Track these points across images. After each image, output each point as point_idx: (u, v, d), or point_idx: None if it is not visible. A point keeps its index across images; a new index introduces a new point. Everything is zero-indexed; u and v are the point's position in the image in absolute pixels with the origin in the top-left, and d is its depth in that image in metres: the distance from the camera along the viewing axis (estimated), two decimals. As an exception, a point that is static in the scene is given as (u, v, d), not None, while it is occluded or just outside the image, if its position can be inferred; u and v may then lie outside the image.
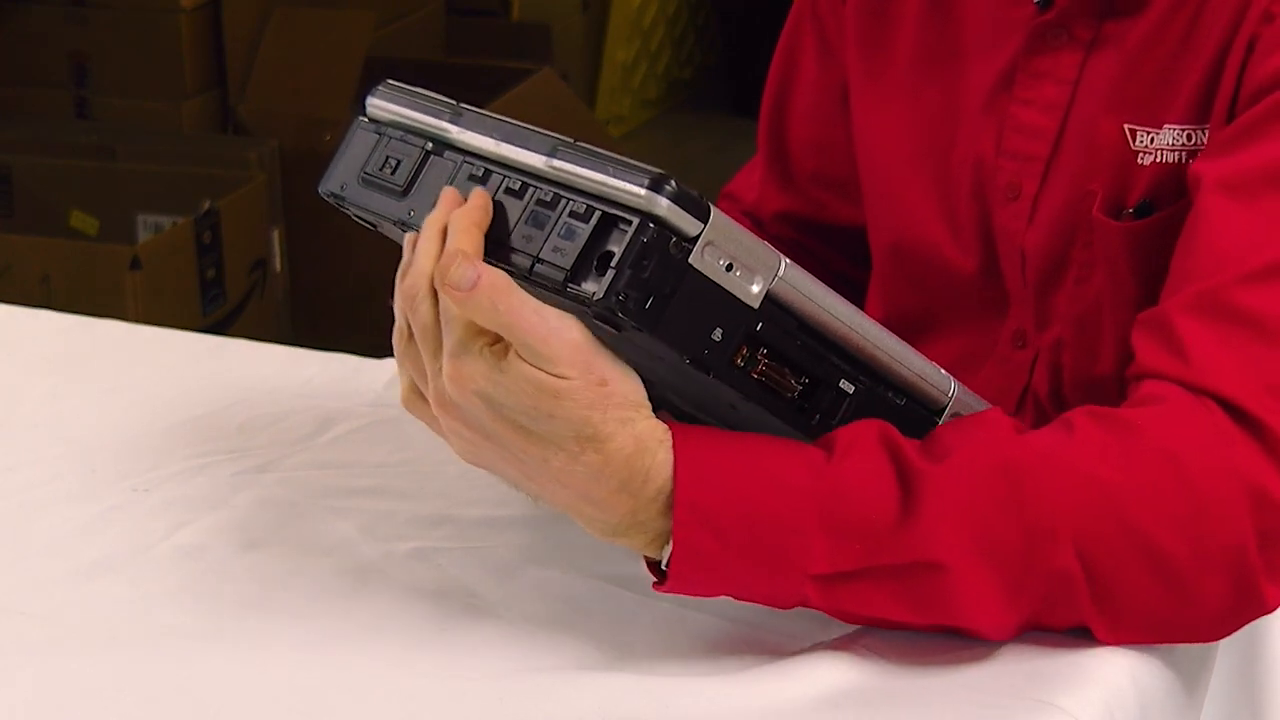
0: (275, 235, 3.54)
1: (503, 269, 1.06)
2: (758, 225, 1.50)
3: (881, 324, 1.11)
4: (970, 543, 1.07)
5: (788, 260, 1.06)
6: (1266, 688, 1.30)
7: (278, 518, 1.28)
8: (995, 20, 1.32)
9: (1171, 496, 1.07)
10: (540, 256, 1.05)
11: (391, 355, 1.50)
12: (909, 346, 1.11)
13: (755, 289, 1.05)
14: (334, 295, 3.60)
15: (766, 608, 1.11)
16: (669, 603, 1.16)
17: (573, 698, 1.07)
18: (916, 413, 1.12)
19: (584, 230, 1.04)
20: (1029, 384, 1.34)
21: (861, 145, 1.41)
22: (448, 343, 1.06)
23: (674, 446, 1.06)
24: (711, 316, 1.05)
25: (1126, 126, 1.25)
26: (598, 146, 1.06)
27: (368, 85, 1.21)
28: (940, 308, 1.38)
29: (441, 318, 1.06)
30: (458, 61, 4.05)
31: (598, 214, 1.04)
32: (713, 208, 1.04)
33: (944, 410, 1.12)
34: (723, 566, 1.07)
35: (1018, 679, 1.08)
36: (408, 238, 1.10)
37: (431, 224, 1.08)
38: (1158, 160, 1.24)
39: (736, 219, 1.50)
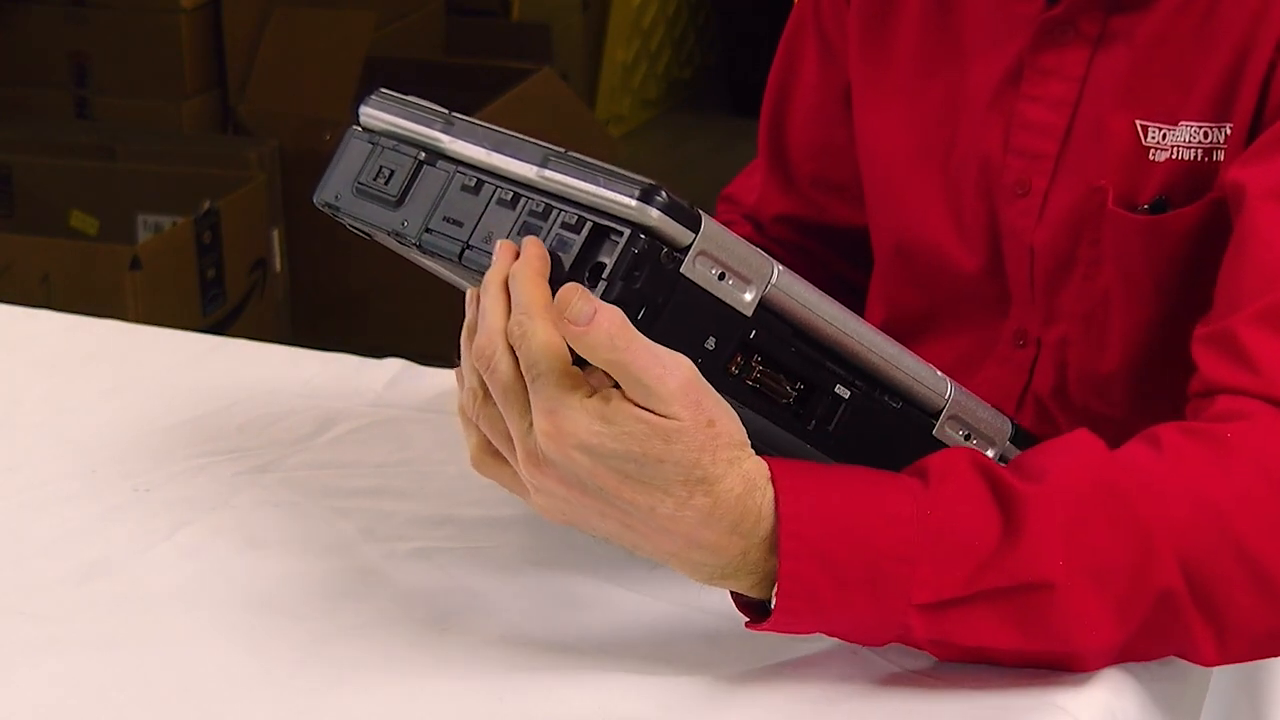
0: (275, 235, 3.54)
1: None
2: (758, 228, 1.50)
3: (883, 325, 1.11)
4: (1076, 561, 1.05)
5: (781, 267, 1.06)
6: (1266, 687, 1.30)
7: (278, 518, 1.28)
8: (999, 17, 1.32)
9: (1272, 509, 1.06)
10: None
11: (391, 355, 1.51)
12: (905, 349, 1.11)
13: (748, 297, 1.05)
14: (334, 295, 3.61)
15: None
16: (668, 603, 1.16)
17: (573, 697, 1.07)
18: (913, 416, 1.11)
19: (576, 241, 1.03)
20: (1029, 383, 1.34)
21: (864, 145, 1.40)
22: (540, 399, 1.02)
23: (773, 480, 1.04)
24: (705, 326, 1.04)
25: (1138, 123, 1.25)
26: (591, 155, 1.05)
27: (368, 85, 1.21)
28: (942, 307, 1.38)
29: (527, 374, 1.02)
30: (458, 61, 4.05)
31: (589, 225, 1.03)
32: (704, 216, 1.03)
33: (940, 413, 1.12)
34: (828, 598, 1.05)
35: (1018, 679, 1.08)
36: (470, 293, 1.08)
37: (493, 280, 1.04)
38: (1173, 157, 1.24)
39: (736, 221, 1.51)
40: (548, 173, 1.05)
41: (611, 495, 1.02)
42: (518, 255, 1.04)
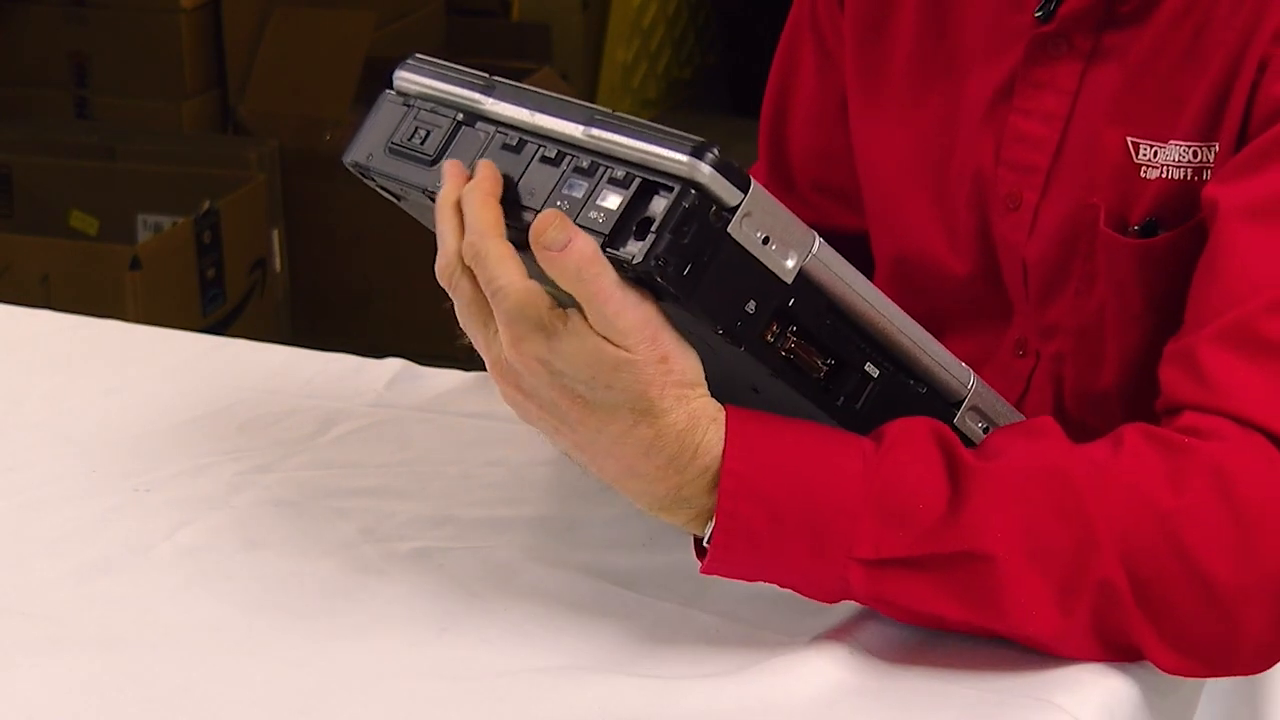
0: (275, 235, 3.54)
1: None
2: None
3: None
4: (1019, 539, 1.06)
5: (821, 239, 1.06)
6: (1265, 687, 1.30)
7: (279, 518, 1.28)
8: (993, 31, 1.31)
9: (1220, 522, 1.07)
10: (578, 221, 1.04)
11: (391, 355, 1.51)
12: (931, 336, 1.12)
13: (790, 264, 1.05)
14: (334, 295, 3.60)
15: (770, 607, 1.11)
16: (670, 602, 1.16)
17: (573, 697, 1.07)
18: (936, 403, 1.12)
19: (624, 196, 1.04)
20: (1025, 393, 1.33)
21: (861, 157, 1.40)
22: (500, 314, 1.05)
23: (726, 422, 1.07)
24: (746, 288, 1.05)
25: (1129, 139, 1.24)
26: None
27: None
28: (942, 316, 1.37)
29: (486, 289, 1.06)
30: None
31: (638, 180, 1.04)
32: (753, 182, 1.04)
33: (963, 402, 1.12)
34: (765, 542, 1.07)
35: (1017, 677, 1.08)
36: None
37: (445, 203, 1.08)
38: (1164, 176, 1.23)
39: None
40: (595, 131, 1.06)
41: (564, 413, 1.06)
42: (469, 179, 1.07)
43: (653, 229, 1.02)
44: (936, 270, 1.36)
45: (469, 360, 1.14)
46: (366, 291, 3.56)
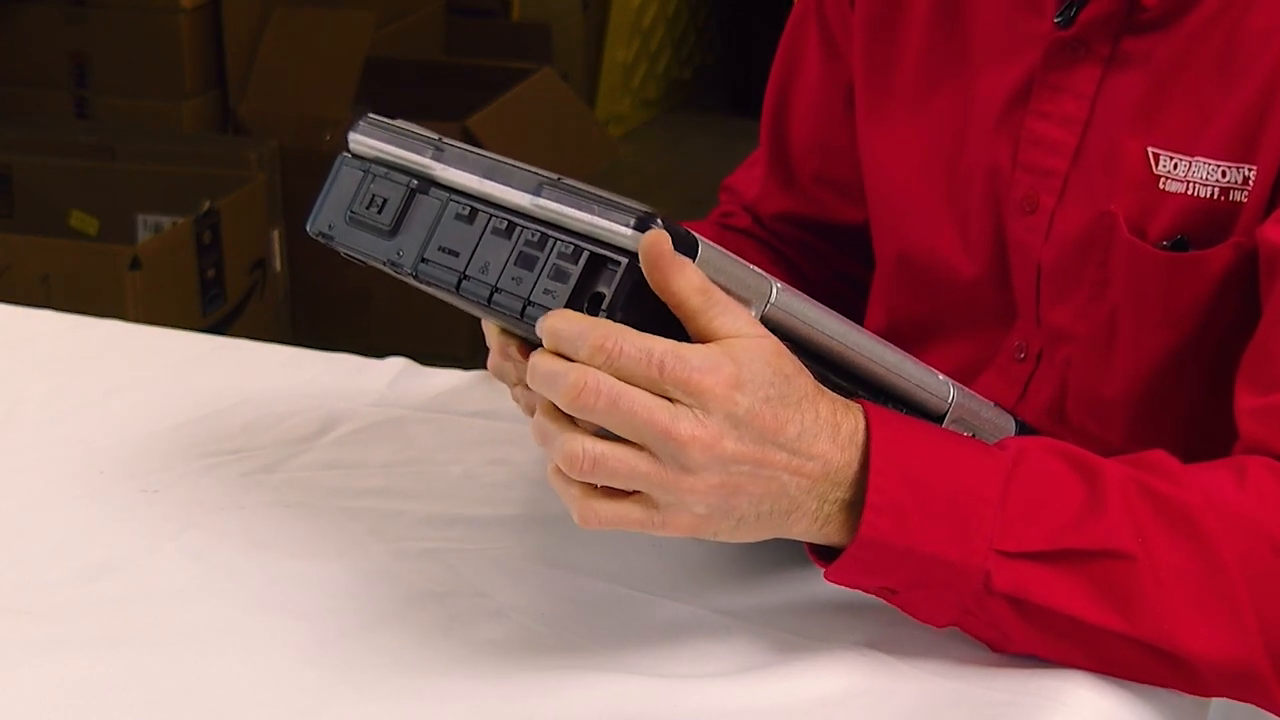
0: (275, 235, 3.54)
1: (495, 311, 1.06)
2: (757, 222, 1.49)
3: (883, 331, 1.11)
4: (1151, 547, 1.05)
5: (779, 284, 1.06)
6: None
7: (286, 518, 1.27)
8: (1008, 31, 1.30)
9: None
10: (531, 299, 1.04)
11: (391, 355, 1.50)
12: (906, 356, 1.11)
13: None
14: (334, 295, 3.61)
15: (778, 606, 1.11)
16: (678, 602, 1.16)
17: (581, 697, 1.07)
18: None
19: (573, 271, 1.03)
20: (1023, 396, 1.33)
21: (866, 153, 1.40)
22: (678, 371, 0.99)
23: (861, 405, 1.05)
24: None
25: (1150, 149, 1.23)
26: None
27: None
28: (944, 316, 1.37)
29: (654, 363, 0.99)
30: (458, 61, 4.05)
31: (586, 254, 1.03)
32: (700, 241, 1.03)
33: (944, 417, 1.12)
34: (914, 523, 1.04)
35: (1022, 677, 1.08)
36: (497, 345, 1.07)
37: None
38: (1188, 192, 1.22)
39: (736, 213, 1.51)
40: (542, 201, 1.05)
41: (768, 437, 1.01)
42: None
43: (604, 305, 1.01)
44: (942, 269, 1.35)
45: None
46: (366, 291, 3.56)
